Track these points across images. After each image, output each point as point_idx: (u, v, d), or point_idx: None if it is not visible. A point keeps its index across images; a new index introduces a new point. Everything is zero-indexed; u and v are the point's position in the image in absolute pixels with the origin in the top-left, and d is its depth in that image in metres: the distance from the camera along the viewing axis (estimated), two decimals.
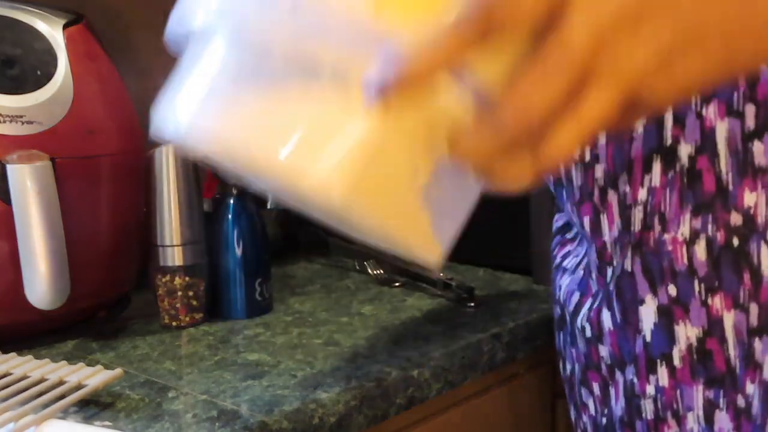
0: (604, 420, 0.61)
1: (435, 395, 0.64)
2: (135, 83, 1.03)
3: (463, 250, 1.12)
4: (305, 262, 1.06)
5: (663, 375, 0.54)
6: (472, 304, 0.80)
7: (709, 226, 0.50)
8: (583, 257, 0.64)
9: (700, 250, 0.51)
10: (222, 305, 0.78)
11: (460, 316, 0.77)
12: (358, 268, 0.99)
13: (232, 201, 0.77)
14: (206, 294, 0.76)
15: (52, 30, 0.72)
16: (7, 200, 0.64)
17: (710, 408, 0.52)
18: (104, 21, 0.98)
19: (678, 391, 0.53)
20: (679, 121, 0.51)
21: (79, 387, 0.54)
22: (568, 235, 0.68)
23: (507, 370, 0.77)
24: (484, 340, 0.70)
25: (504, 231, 0.97)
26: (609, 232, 0.57)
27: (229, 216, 0.77)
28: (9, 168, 0.63)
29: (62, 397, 0.53)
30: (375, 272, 0.94)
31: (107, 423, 0.52)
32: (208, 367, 0.63)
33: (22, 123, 0.66)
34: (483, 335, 0.70)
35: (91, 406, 0.55)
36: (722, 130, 0.49)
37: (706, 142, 0.50)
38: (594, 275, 0.60)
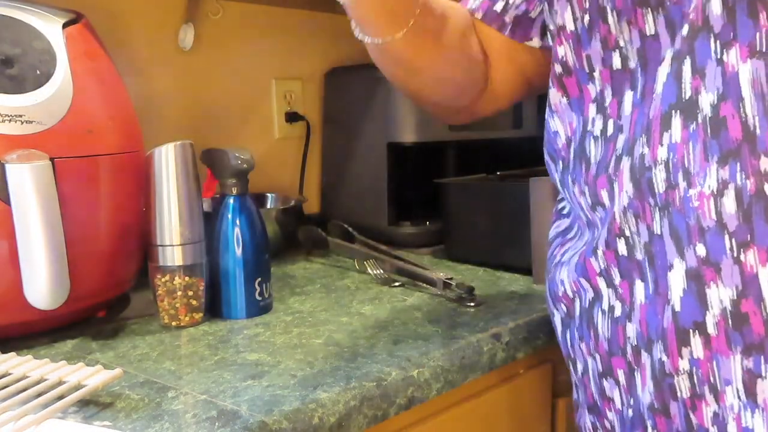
0: (630, 411, 0.58)
1: (435, 395, 0.64)
2: (135, 83, 1.04)
3: (463, 250, 1.14)
4: (305, 262, 1.06)
5: (697, 346, 0.50)
6: (472, 304, 0.80)
7: (738, 175, 0.47)
8: (581, 247, 0.63)
9: (729, 202, 0.48)
10: (222, 305, 0.78)
11: (460, 316, 0.77)
12: (358, 268, 0.99)
13: (232, 201, 0.77)
14: (206, 294, 0.76)
15: (51, 29, 0.72)
16: (7, 200, 0.64)
17: (751, 379, 0.48)
18: (104, 21, 0.98)
19: (714, 363, 0.50)
20: (698, 71, 0.49)
21: (78, 387, 0.54)
22: (569, 235, 0.68)
23: (507, 370, 0.77)
24: (484, 340, 0.70)
25: (504, 231, 0.97)
26: (618, 200, 0.55)
27: (229, 216, 0.77)
28: (8, 168, 0.63)
29: (62, 397, 0.53)
30: (375, 272, 0.94)
31: (107, 423, 0.52)
32: (207, 367, 0.63)
33: (22, 122, 0.66)
34: (483, 335, 0.70)
35: (90, 406, 0.55)
36: (746, 72, 0.47)
37: (729, 87, 0.48)
38: (601, 252, 0.58)
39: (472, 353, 0.68)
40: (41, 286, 0.64)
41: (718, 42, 0.48)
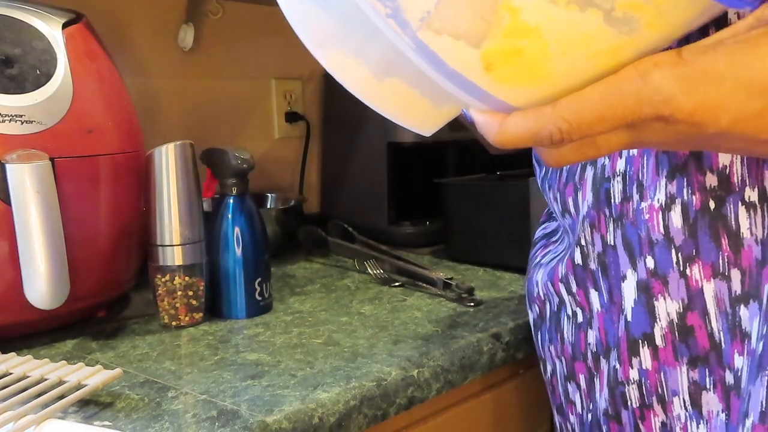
0: (590, 416, 0.59)
1: (435, 395, 0.64)
2: (135, 83, 1.04)
3: (463, 250, 1.13)
4: (305, 262, 1.06)
5: (646, 357, 0.52)
6: (472, 304, 0.80)
7: (685, 190, 0.48)
8: (561, 252, 0.63)
9: (676, 217, 0.49)
10: (222, 305, 0.78)
11: (460, 316, 0.77)
12: (358, 268, 0.99)
13: (232, 201, 0.77)
14: (206, 294, 0.76)
15: (51, 29, 0.72)
16: (7, 200, 0.64)
17: (696, 390, 0.50)
18: (104, 21, 0.98)
19: (662, 374, 0.51)
20: None
21: (78, 387, 0.54)
22: (553, 238, 0.68)
23: (507, 370, 0.77)
24: (484, 340, 0.70)
25: (504, 231, 0.97)
26: (582, 210, 0.56)
27: (229, 216, 0.77)
28: (8, 168, 0.63)
29: (62, 396, 0.53)
30: (375, 272, 0.94)
31: (107, 423, 0.52)
32: (207, 367, 0.63)
33: (22, 122, 0.66)
34: (483, 335, 0.70)
35: (90, 405, 0.55)
36: None
37: None
38: (565, 260, 0.59)
39: (472, 353, 0.68)
40: (41, 286, 0.64)
41: None
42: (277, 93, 1.28)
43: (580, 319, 0.59)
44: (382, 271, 0.95)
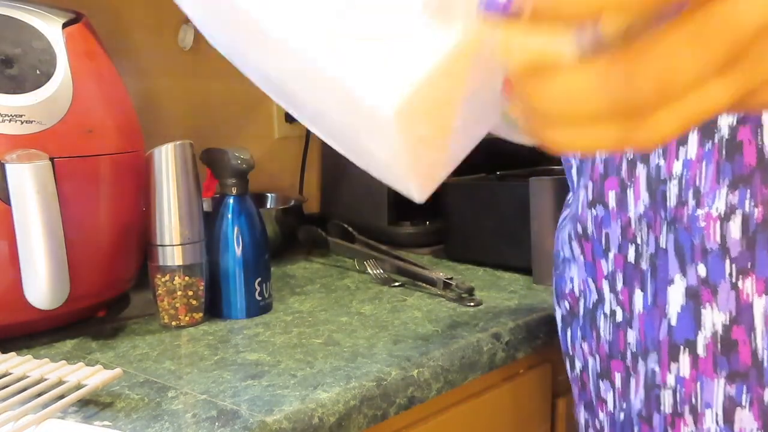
0: (622, 415, 0.58)
1: (435, 395, 0.64)
2: (135, 83, 1.04)
3: (463, 250, 1.13)
4: (305, 262, 1.06)
5: (685, 364, 0.51)
6: (472, 304, 0.80)
7: (747, 202, 0.47)
8: (566, 217, 0.63)
9: (735, 228, 0.48)
10: (222, 305, 0.78)
11: (460, 316, 0.77)
12: (358, 268, 0.99)
13: (232, 201, 0.77)
14: (206, 294, 0.76)
15: (51, 29, 0.72)
16: (7, 200, 0.64)
17: (730, 405, 0.49)
18: (104, 21, 0.98)
19: (698, 384, 0.50)
20: None
21: (78, 387, 0.54)
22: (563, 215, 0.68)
23: (507, 370, 0.77)
24: (484, 340, 0.70)
25: (504, 231, 0.97)
26: (634, 207, 0.55)
27: (229, 216, 0.77)
28: (8, 167, 0.63)
29: (61, 396, 0.53)
30: (375, 272, 0.94)
31: (107, 423, 0.52)
32: (207, 367, 0.63)
33: (22, 122, 0.66)
34: (483, 335, 0.70)
35: (90, 405, 0.55)
36: None
37: (749, 114, 0.47)
38: (612, 255, 0.58)
39: (472, 353, 0.68)
40: (41, 286, 0.64)
41: None
42: None
43: (619, 317, 0.58)
44: (382, 271, 0.95)
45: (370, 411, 0.58)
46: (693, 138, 0.50)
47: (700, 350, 0.50)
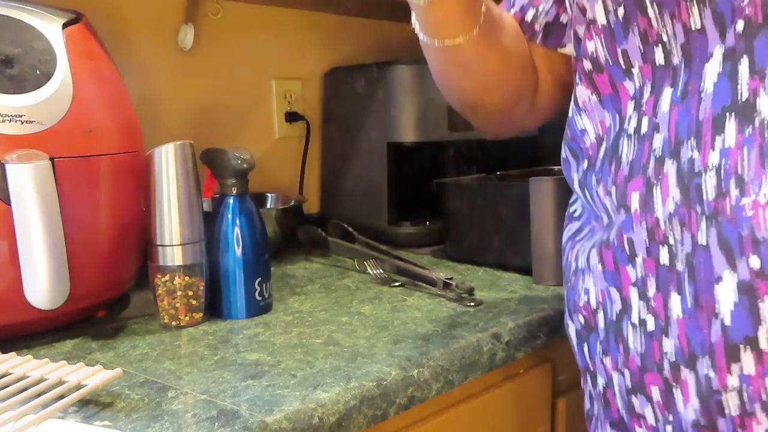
0: (670, 428, 0.55)
1: (435, 395, 0.64)
2: (135, 83, 1.04)
3: (463, 250, 1.13)
4: (305, 262, 1.06)
5: (748, 362, 0.48)
6: (472, 304, 0.80)
7: None
8: (589, 247, 0.60)
9: None
10: (222, 305, 0.78)
11: (460, 316, 0.77)
12: (358, 268, 0.99)
13: (232, 201, 0.77)
14: (206, 294, 0.76)
15: (51, 29, 0.72)
16: (7, 200, 0.64)
17: None
18: (104, 21, 0.98)
19: (766, 380, 0.47)
20: (758, 72, 0.46)
21: (78, 387, 0.54)
22: (578, 237, 0.65)
23: (507, 370, 0.77)
24: (484, 340, 0.70)
25: (504, 231, 0.97)
26: (663, 206, 0.52)
27: (229, 216, 0.77)
28: (8, 167, 0.63)
29: (61, 396, 0.53)
30: (375, 272, 0.94)
31: (107, 423, 0.52)
32: (207, 367, 0.63)
33: (22, 122, 0.66)
34: (483, 335, 0.70)
35: (90, 405, 0.55)
36: None
37: None
38: (640, 260, 0.54)
39: (472, 353, 0.68)
40: (41, 286, 0.64)
41: None
42: (277, 93, 1.28)
43: (651, 326, 0.54)
44: (382, 271, 0.95)
45: (370, 411, 0.58)
46: (730, 125, 0.48)
47: (764, 344, 0.47)
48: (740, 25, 0.47)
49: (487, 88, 0.67)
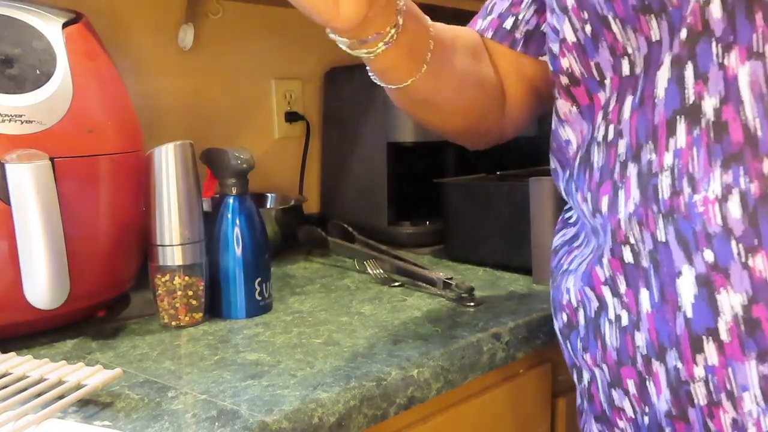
0: (647, 419, 0.57)
1: (435, 395, 0.64)
2: (135, 83, 1.04)
3: (463, 250, 1.13)
4: (305, 262, 1.06)
5: (711, 352, 0.49)
6: (472, 304, 0.80)
7: (741, 179, 0.47)
8: (588, 255, 0.62)
9: (734, 207, 0.47)
10: (222, 305, 0.78)
11: (460, 316, 0.77)
12: (358, 268, 0.99)
13: (232, 201, 0.77)
14: (206, 294, 0.76)
15: (51, 29, 0.72)
16: (7, 200, 0.64)
17: (767, 385, 0.48)
18: (104, 21, 0.99)
19: (729, 370, 0.49)
20: (701, 76, 0.49)
21: (78, 387, 0.54)
22: (575, 243, 0.67)
23: (507, 370, 0.77)
24: (484, 340, 0.70)
25: (504, 231, 0.97)
26: (624, 208, 0.54)
27: (229, 216, 0.77)
28: (8, 167, 0.63)
29: (61, 396, 0.53)
30: (375, 272, 0.94)
31: (106, 423, 0.52)
32: (207, 367, 0.63)
33: (22, 122, 0.66)
34: (483, 335, 0.70)
35: (90, 405, 0.55)
36: (744, 75, 0.47)
37: (730, 91, 0.47)
38: (606, 261, 0.57)
39: (472, 353, 0.68)
40: (41, 286, 0.64)
41: (719, 46, 0.48)
42: (277, 93, 1.28)
43: (625, 321, 0.57)
44: (382, 271, 0.95)
45: (370, 411, 0.58)
46: (681, 127, 0.50)
47: (724, 336, 0.49)
48: (684, 33, 0.50)
49: (447, 115, 0.69)
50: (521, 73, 0.71)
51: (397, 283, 0.90)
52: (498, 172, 1.13)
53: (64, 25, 0.74)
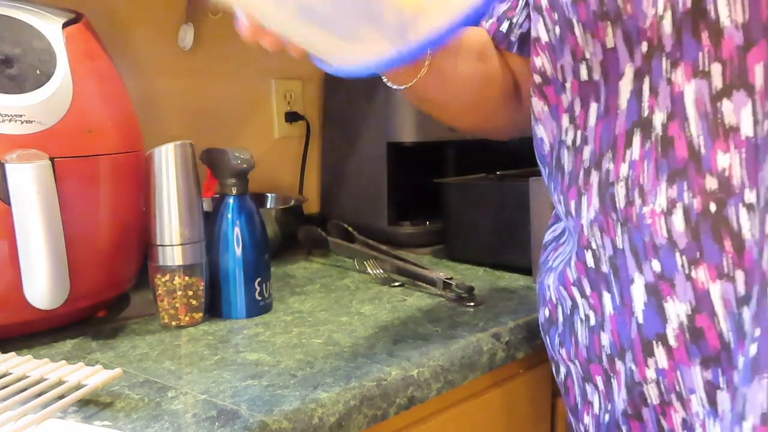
0: (607, 417, 0.59)
1: (435, 395, 0.64)
2: (135, 83, 1.04)
3: (463, 250, 1.13)
4: (305, 262, 1.06)
5: (661, 356, 0.52)
6: (472, 304, 0.80)
7: (685, 194, 0.49)
8: (567, 254, 0.63)
9: (678, 221, 0.49)
10: (222, 305, 0.78)
11: (460, 316, 0.77)
12: (358, 268, 0.99)
13: (232, 201, 0.77)
14: (206, 294, 0.76)
15: (51, 29, 0.72)
16: (7, 200, 0.64)
17: (711, 389, 0.49)
18: (104, 21, 0.99)
19: (678, 373, 0.51)
20: (653, 90, 0.50)
21: (78, 387, 0.54)
22: (561, 240, 0.68)
23: (507, 370, 0.77)
24: (484, 340, 0.70)
25: (504, 231, 0.97)
26: (587, 213, 0.56)
27: (229, 216, 0.77)
28: (8, 167, 0.63)
29: (61, 396, 0.53)
30: (375, 272, 0.94)
31: (106, 423, 0.52)
32: (207, 367, 0.63)
33: (22, 122, 0.66)
34: (483, 335, 0.70)
35: (90, 405, 0.55)
36: (690, 92, 0.48)
37: (676, 107, 0.49)
38: (573, 263, 0.59)
39: (472, 353, 0.68)
40: (41, 286, 0.64)
41: (668, 61, 0.49)
42: (277, 93, 1.28)
43: (592, 321, 0.59)
44: (382, 271, 0.95)
45: (370, 411, 0.58)
46: (636, 140, 0.52)
47: (672, 341, 0.51)
48: (644, 47, 0.51)
49: (454, 114, 0.71)
50: (523, 73, 0.72)
51: (397, 283, 0.90)
52: (498, 172, 1.12)
53: (64, 25, 0.74)
